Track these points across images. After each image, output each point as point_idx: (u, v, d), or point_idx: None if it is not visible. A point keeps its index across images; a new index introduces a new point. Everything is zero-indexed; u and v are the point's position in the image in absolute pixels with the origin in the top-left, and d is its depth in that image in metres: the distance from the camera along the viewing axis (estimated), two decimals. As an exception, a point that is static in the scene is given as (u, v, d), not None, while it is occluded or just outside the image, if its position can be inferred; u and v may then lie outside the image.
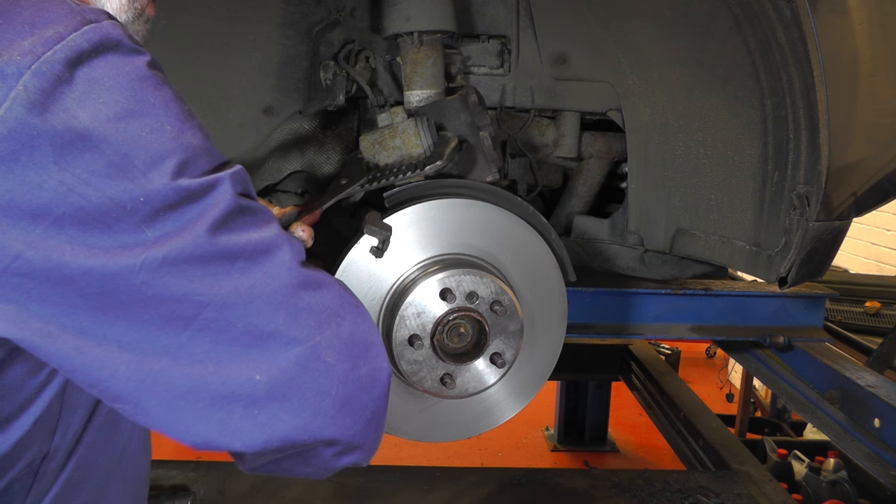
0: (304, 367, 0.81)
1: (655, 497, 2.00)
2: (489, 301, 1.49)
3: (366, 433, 0.89)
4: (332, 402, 0.84)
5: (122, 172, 0.73)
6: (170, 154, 0.76)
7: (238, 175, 0.83)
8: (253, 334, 0.79)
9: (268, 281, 0.81)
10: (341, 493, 2.00)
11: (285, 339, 0.81)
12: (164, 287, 0.75)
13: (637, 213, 2.05)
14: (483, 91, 1.99)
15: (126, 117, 0.74)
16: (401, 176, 1.52)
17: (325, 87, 1.96)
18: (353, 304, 0.92)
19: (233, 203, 0.80)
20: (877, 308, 3.53)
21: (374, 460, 0.96)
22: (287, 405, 0.81)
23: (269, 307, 0.81)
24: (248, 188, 0.86)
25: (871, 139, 1.59)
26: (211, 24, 1.89)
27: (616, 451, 4.81)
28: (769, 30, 1.57)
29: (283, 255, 0.83)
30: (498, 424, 1.70)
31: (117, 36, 0.77)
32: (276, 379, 0.80)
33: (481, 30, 1.97)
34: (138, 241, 0.74)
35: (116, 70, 0.75)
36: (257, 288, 0.80)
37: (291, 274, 0.83)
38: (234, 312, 0.79)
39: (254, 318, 0.80)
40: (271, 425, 0.80)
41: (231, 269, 0.79)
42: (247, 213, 0.82)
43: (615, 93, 1.99)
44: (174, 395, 0.77)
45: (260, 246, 0.81)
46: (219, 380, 0.78)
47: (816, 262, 1.73)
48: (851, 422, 2.14)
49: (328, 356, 0.84)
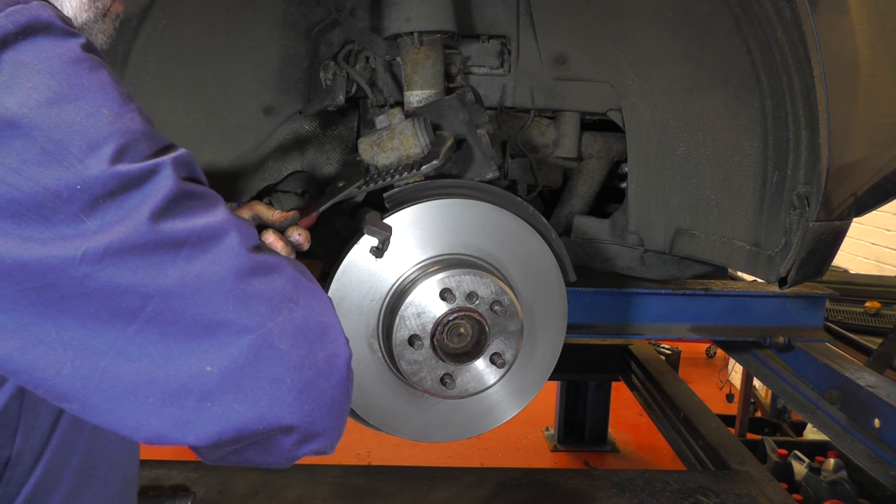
0: (257, 356, 0.79)
1: (655, 497, 2.00)
2: (489, 301, 1.49)
3: (326, 420, 0.86)
4: (289, 390, 0.81)
5: (56, 160, 0.70)
6: (107, 139, 0.73)
7: (182, 158, 0.80)
8: (202, 324, 0.77)
9: (215, 268, 0.78)
10: (341, 493, 2.00)
11: (236, 328, 0.78)
12: (106, 279, 0.72)
13: (637, 214, 2.05)
14: (483, 91, 1.99)
15: (58, 102, 0.71)
16: (398, 176, 1.52)
17: (325, 87, 1.96)
18: (307, 287, 0.89)
19: (175, 188, 0.77)
20: (877, 308, 3.53)
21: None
22: (241, 396, 0.78)
23: (217, 295, 0.78)
24: (194, 171, 0.83)
25: (871, 139, 1.59)
26: (211, 24, 1.89)
27: (616, 451, 4.81)
28: (769, 30, 1.57)
29: (230, 241, 0.80)
30: (498, 424, 1.70)
31: (47, 17, 0.73)
32: (227, 369, 0.78)
33: (481, 30, 1.97)
34: (77, 231, 0.71)
35: (47, 53, 0.72)
36: (204, 276, 0.77)
37: (240, 260, 0.80)
38: (181, 303, 0.76)
39: (202, 308, 0.77)
40: (225, 417, 0.78)
41: (176, 258, 0.76)
42: (192, 198, 0.79)
43: (615, 93, 1.99)
44: (123, 392, 0.75)
45: (206, 232, 0.79)
46: (169, 373, 0.76)
47: (816, 262, 1.73)
48: (851, 422, 2.14)
49: (281, 343, 0.81)
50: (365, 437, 4.37)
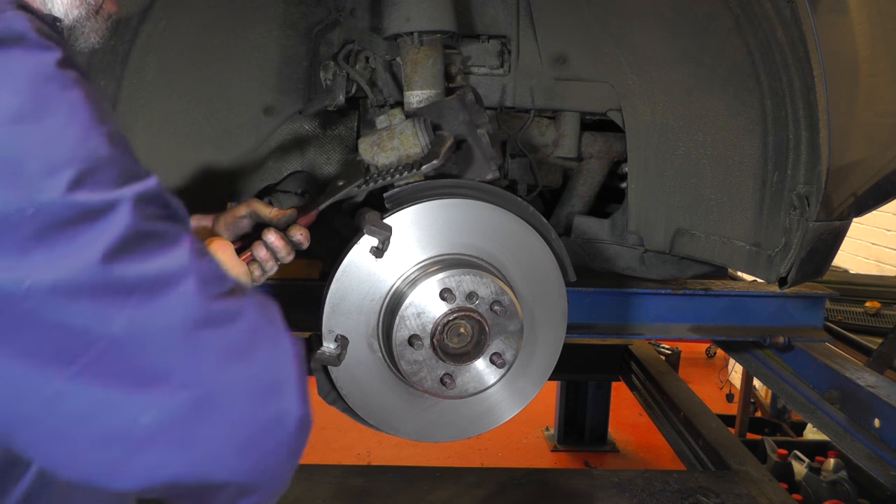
0: (196, 411, 0.76)
1: (655, 497, 2.00)
2: (489, 301, 1.49)
3: (264, 477, 0.83)
4: (226, 448, 0.78)
5: (10, 180, 0.67)
6: (68, 163, 0.69)
7: (146, 192, 0.76)
8: (143, 374, 0.74)
9: (165, 317, 0.75)
10: (341, 493, 2.00)
11: (178, 381, 0.75)
12: (51, 317, 0.69)
13: (637, 213, 2.05)
14: (483, 91, 1.99)
15: (21, 120, 0.68)
16: (397, 175, 1.52)
17: (325, 87, 1.97)
18: (269, 337, 0.84)
19: (133, 227, 0.73)
20: (877, 308, 3.53)
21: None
22: (174, 449, 0.76)
23: (163, 346, 0.75)
24: (162, 204, 0.79)
25: (871, 139, 1.59)
26: (211, 24, 1.89)
27: (616, 451, 4.80)
28: (769, 30, 1.57)
29: (185, 288, 0.76)
30: (498, 424, 1.71)
31: (21, 28, 0.71)
32: (163, 422, 0.75)
33: (481, 30, 1.97)
34: (24, 261, 0.67)
35: (17, 66, 0.69)
36: (152, 324, 0.74)
37: (193, 309, 0.77)
38: (124, 350, 0.73)
39: (146, 357, 0.74)
40: (155, 468, 0.76)
41: (125, 303, 0.72)
42: (150, 238, 0.75)
43: (615, 93, 1.99)
44: (53, 432, 0.72)
45: (161, 277, 0.75)
46: (103, 419, 0.73)
47: (816, 262, 1.73)
48: (851, 422, 2.14)
49: (224, 399, 0.78)
50: (365, 437, 4.37)
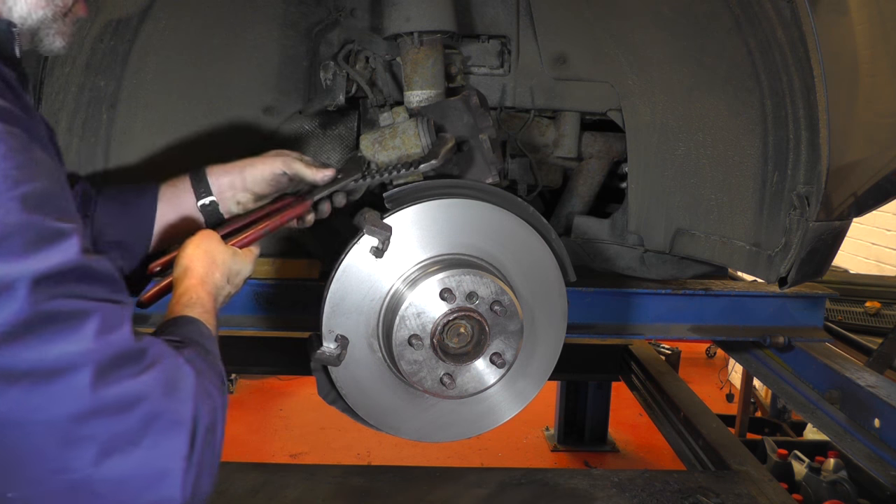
0: (69, 497, 0.75)
1: (655, 497, 2.00)
2: (489, 301, 1.49)
3: None
4: None
5: None
6: None
7: (57, 267, 0.73)
8: (18, 457, 0.73)
9: (51, 407, 0.73)
10: (341, 493, 1.99)
11: (53, 467, 0.74)
12: None
13: (637, 214, 2.05)
14: (483, 91, 1.99)
15: None
16: (396, 173, 1.52)
17: (325, 87, 1.97)
18: (167, 421, 0.81)
19: (30, 312, 0.70)
20: (877, 308, 3.53)
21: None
22: None
23: (44, 434, 0.73)
24: (78, 274, 0.75)
25: (871, 139, 1.59)
26: (211, 24, 1.89)
27: (616, 451, 4.80)
28: (769, 30, 1.57)
29: (79, 379, 0.74)
30: (498, 424, 1.71)
31: None
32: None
33: (481, 30, 1.97)
34: None
35: None
36: (37, 413, 0.72)
37: (83, 401, 0.74)
38: (4, 432, 0.72)
39: (23, 442, 0.72)
40: None
41: (9, 390, 0.70)
42: (50, 322, 0.72)
43: (615, 93, 1.99)
44: None
45: (55, 366, 0.72)
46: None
47: (816, 262, 1.73)
48: (851, 422, 2.14)
49: (101, 488, 0.76)
50: (365, 437, 4.37)
